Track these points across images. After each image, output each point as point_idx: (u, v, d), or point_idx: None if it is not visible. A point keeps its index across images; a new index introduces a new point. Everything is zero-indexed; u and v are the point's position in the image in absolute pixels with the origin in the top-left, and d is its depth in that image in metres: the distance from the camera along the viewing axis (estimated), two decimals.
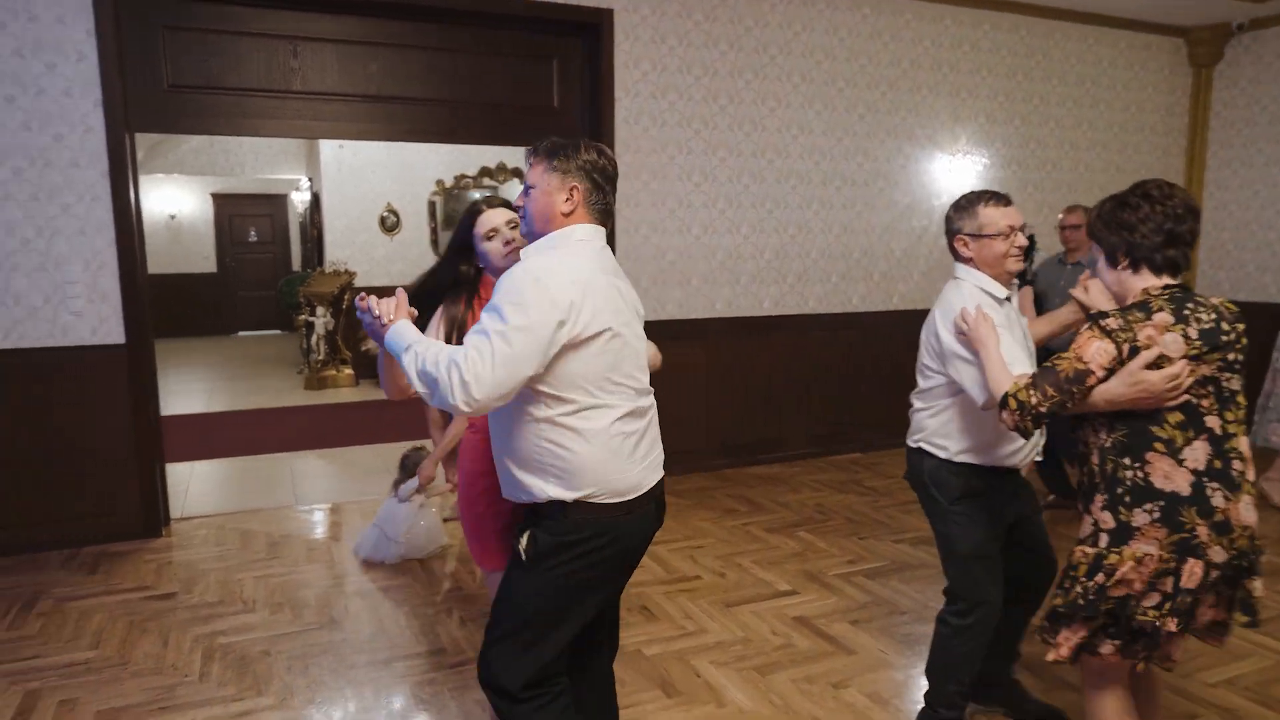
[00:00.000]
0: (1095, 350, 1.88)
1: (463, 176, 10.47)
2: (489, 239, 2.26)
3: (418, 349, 1.79)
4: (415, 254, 10.16)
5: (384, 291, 1.98)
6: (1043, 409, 1.92)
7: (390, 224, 10.14)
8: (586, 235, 1.90)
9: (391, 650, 3.19)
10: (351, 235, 10.00)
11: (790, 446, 5.93)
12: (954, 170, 6.23)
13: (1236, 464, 1.88)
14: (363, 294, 1.96)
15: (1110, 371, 1.88)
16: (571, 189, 1.88)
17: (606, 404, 1.83)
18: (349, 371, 9.03)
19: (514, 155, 10.54)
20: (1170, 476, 1.86)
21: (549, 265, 1.80)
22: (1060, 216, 4.74)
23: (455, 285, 2.30)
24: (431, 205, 10.42)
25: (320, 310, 8.91)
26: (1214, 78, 6.95)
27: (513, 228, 2.25)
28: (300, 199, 13.32)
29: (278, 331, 13.66)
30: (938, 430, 2.47)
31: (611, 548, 1.88)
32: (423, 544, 4.11)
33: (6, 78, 4.00)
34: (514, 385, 1.74)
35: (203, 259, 13.85)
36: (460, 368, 1.71)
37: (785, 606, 3.54)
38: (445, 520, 4.66)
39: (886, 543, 4.28)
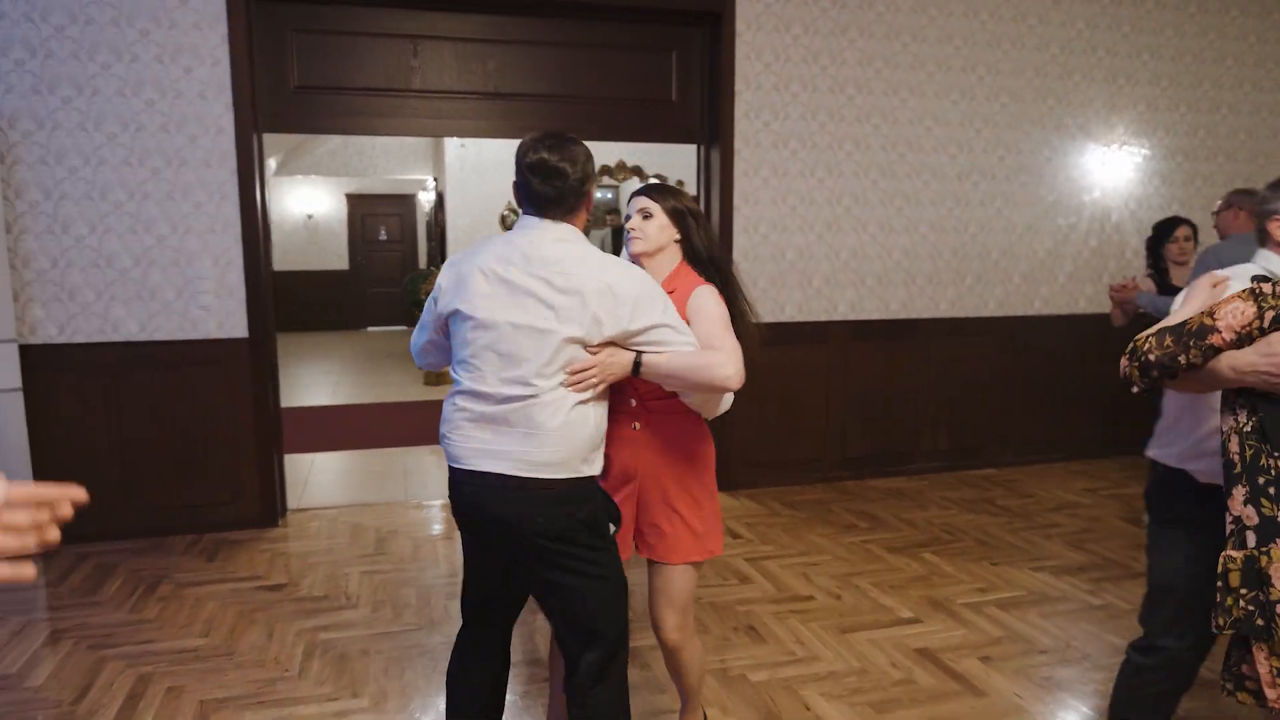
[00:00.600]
0: (1231, 310, 1.69)
1: None
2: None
3: None
4: None
5: None
6: (1151, 358, 1.73)
7: (510, 222, 10.23)
8: (520, 225, 1.98)
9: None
10: (473, 233, 10.13)
11: (918, 460, 5.57)
12: (1108, 163, 5.72)
13: None
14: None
15: (1242, 339, 1.67)
16: (515, 186, 1.99)
17: (457, 377, 1.97)
18: None
19: (633, 152, 10.47)
20: None
21: (459, 253, 2.04)
22: (1216, 204, 4.34)
23: None
24: None
25: None
26: None
27: (645, 217, 2.21)
28: (427, 198, 13.67)
29: (404, 327, 14.07)
30: (1164, 431, 2.14)
31: (453, 499, 2.02)
32: None
33: (148, 83, 4.16)
34: (421, 348, 2.13)
35: (336, 256, 14.41)
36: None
37: (907, 636, 3.26)
38: None
39: (1024, 570, 3.91)
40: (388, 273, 14.52)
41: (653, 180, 1.99)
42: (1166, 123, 5.80)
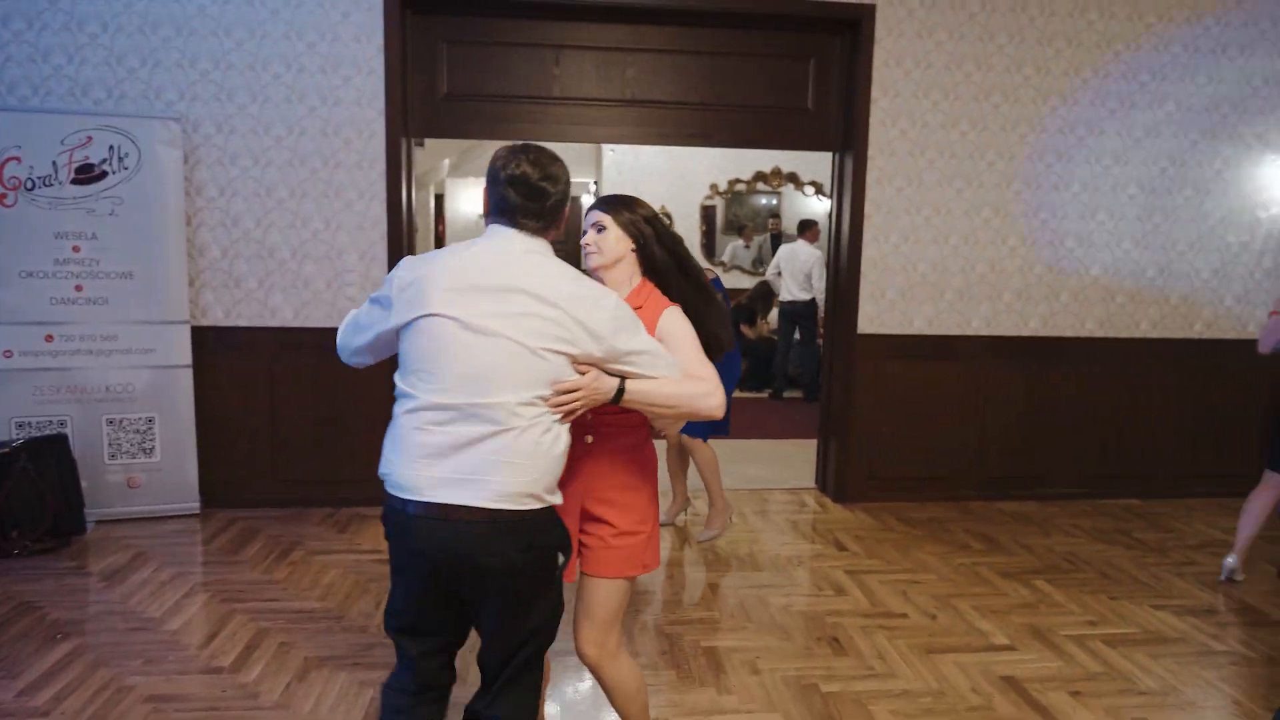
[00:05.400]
0: None
1: (736, 181, 10.55)
2: None
3: None
4: None
5: None
6: None
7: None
8: (486, 233, 1.90)
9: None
10: None
11: (1054, 484, 5.28)
12: None
13: None
14: None
15: None
16: (486, 194, 1.93)
17: (411, 392, 1.79)
18: None
19: (789, 160, 10.43)
20: None
21: (416, 257, 1.94)
22: None
23: None
24: (705, 209, 10.60)
25: None
26: None
27: (599, 230, 2.16)
28: (588, 201, 14.11)
29: None
30: None
31: (396, 539, 1.85)
32: None
33: (311, 91, 4.58)
34: (356, 348, 2.01)
35: None
36: None
37: (995, 662, 3.14)
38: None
39: (1144, 607, 3.66)
40: None
41: (608, 194, 1.97)
42: None
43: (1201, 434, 5.32)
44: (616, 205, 2.17)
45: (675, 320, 2.04)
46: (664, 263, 2.15)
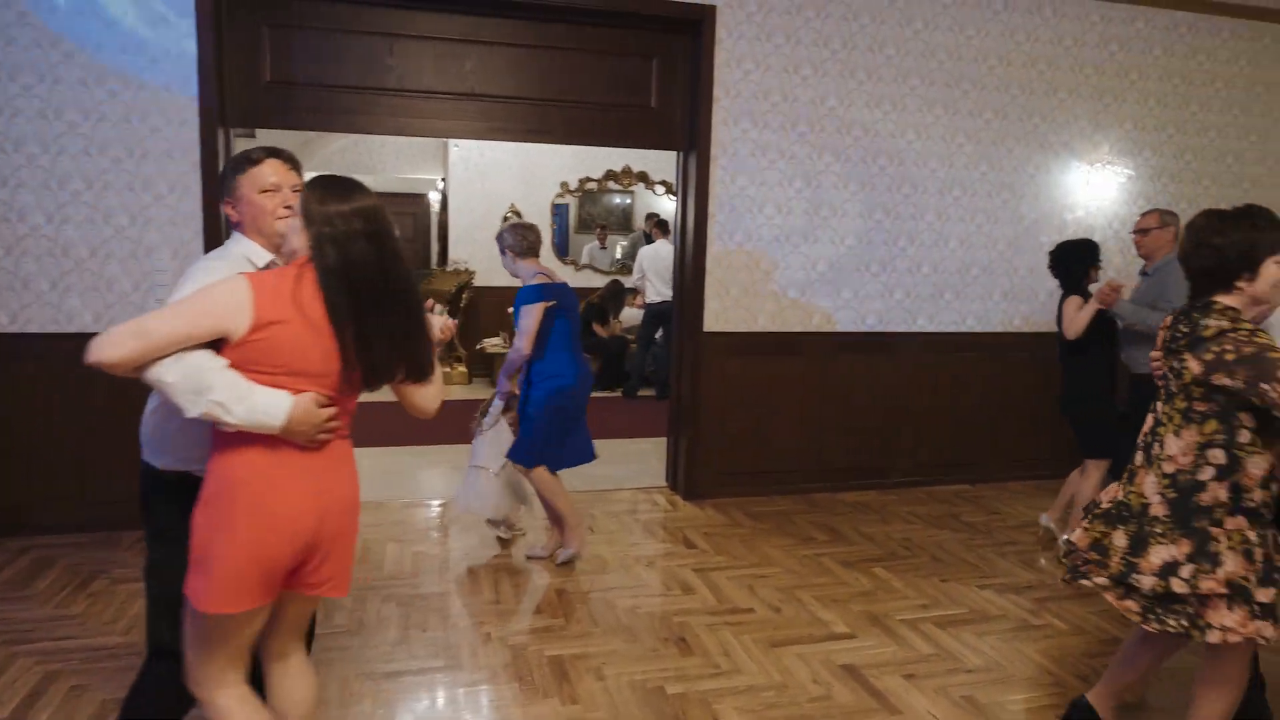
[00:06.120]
0: None
1: (588, 179, 10.49)
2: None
3: None
4: None
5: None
6: None
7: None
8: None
9: (409, 662, 3.08)
10: (473, 234, 10.15)
11: (892, 474, 5.49)
12: (1092, 182, 5.63)
13: (1156, 446, 2.32)
14: None
15: None
16: None
17: None
18: (462, 369, 9.16)
19: (639, 159, 10.45)
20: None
21: None
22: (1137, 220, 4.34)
23: None
24: (556, 208, 10.49)
25: (439, 308, 9.06)
26: None
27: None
28: (436, 198, 13.72)
29: None
30: None
31: None
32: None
33: (111, 73, 4.17)
34: None
35: None
36: None
37: (836, 651, 3.19)
38: None
39: (970, 588, 3.84)
40: None
41: (326, 174, 1.86)
42: (1153, 143, 5.70)
43: (1020, 422, 5.65)
44: (316, 189, 1.89)
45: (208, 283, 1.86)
46: (332, 269, 1.84)
